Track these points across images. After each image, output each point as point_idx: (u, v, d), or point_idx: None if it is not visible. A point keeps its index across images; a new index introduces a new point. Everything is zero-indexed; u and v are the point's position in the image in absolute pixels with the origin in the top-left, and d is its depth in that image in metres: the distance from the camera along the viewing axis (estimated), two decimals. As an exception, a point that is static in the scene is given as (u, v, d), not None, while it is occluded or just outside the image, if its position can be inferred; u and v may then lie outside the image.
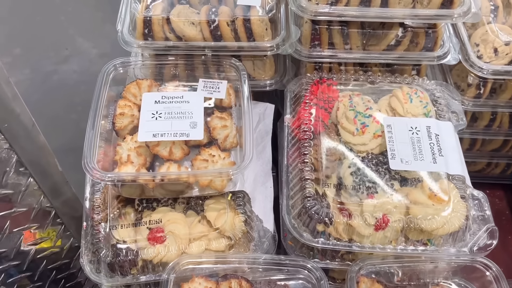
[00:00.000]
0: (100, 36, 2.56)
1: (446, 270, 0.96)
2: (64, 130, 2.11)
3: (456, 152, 0.95)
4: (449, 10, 0.97)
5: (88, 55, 2.55)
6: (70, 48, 2.55)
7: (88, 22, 2.66)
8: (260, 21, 1.02)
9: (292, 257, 0.95)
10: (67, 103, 2.26)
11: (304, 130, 0.99)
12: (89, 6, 2.72)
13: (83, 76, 2.44)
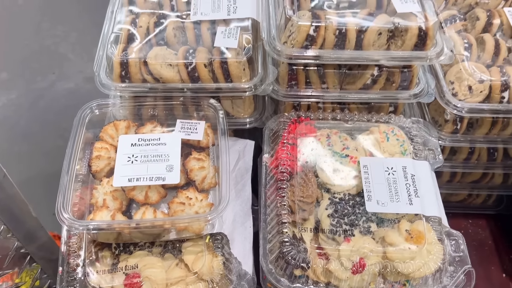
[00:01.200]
0: (87, 60, 2.57)
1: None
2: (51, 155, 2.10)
3: (432, 193, 0.95)
4: (422, 52, 0.98)
5: (75, 79, 2.55)
6: (57, 72, 2.55)
7: (75, 46, 2.67)
8: (238, 63, 1.03)
9: (270, 301, 0.94)
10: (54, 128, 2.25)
11: (281, 171, 0.99)
12: (77, 30, 2.74)
13: (70, 100, 2.43)
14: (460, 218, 1.50)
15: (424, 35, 0.97)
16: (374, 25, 0.96)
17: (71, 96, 2.45)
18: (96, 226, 0.87)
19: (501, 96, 1.07)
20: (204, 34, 1.08)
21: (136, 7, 1.14)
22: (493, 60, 1.12)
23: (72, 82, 2.55)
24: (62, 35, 2.74)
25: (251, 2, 1.12)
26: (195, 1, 1.13)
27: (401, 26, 0.96)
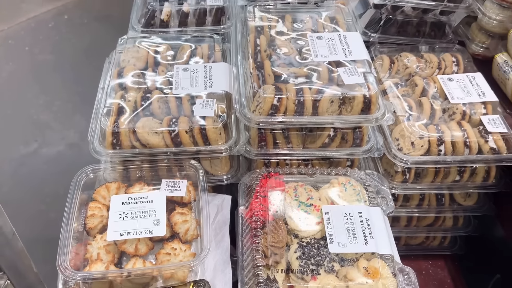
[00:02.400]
0: (69, 127, 2.70)
1: None
2: (33, 221, 2.17)
3: (385, 234, 1.11)
4: (368, 115, 1.18)
5: (57, 146, 2.65)
6: (40, 140, 2.65)
7: (58, 114, 2.80)
8: (214, 129, 1.20)
9: None
10: (37, 194, 2.32)
11: (255, 220, 1.13)
12: (59, 99, 2.88)
13: (52, 167, 2.51)
14: (420, 260, 1.65)
15: (368, 102, 1.17)
16: (327, 95, 1.16)
17: (53, 163, 2.54)
18: (93, 276, 0.98)
19: (438, 149, 1.27)
20: (185, 105, 1.26)
21: (124, 84, 1.32)
22: (430, 119, 1.34)
23: (54, 149, 2.65)
24: (45, 104, 2.87)
25: (224, 78, 1.31)
26: (176, 78, 1.32)
27: (349, 95, 1.17)
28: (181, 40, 1.48)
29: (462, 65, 1.49)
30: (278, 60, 1.28)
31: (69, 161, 2.55)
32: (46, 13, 3.67)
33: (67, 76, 3.05)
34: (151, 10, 1.53)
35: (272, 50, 1.32)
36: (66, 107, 2.83)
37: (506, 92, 1.48)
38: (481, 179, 1.36)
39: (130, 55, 1.42)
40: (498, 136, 1.28)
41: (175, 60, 1.40)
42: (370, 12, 1.60)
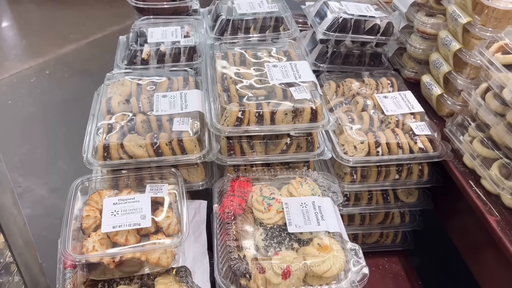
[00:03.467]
0: (52, 173, 2.83)
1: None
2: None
3: (334, 217, 1.34)
4: (315, 123, 1.44)
5: (40, 191, 2.76)
6: (24, 185, 2.76)
7: (41, 161, 2.94)
8: (190, 140, 1.44)
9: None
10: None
11: (227, 213, 1.35)
12: (41, 147, 3.04)
13: (36, 210, 2.62)
14: (377, 257, 1.87)
15: (315, 112, 1.44)
16: (281, 108, 1.43)
17: (36, 207, 2.67)
18: (90, 258, 1.17)
19: (376, 151, 1.53)
20: (164, 124, 1.50)
21: (112, 110, 1.56)
22: (369, 128, 1.61)
23: (38, 193, 2.77)
24: (28, 152, 3.01)
25: (197, 101, 1.57)
26: (156, 103, 1.56)
27: (299, 107, 1.43)
28: (159, 74, 1.74)
29: (396, 86, 1.80)
30: (241, 84, 1.55)
31: (52, 204, 2.68)
32: (28, 69, 3.93)
33: (49, 125, 3.23)
34: (133, 51, 1.80)
35: (237, 77, 1.59)
36: (49, 154, 2.98)
37: (432, 105, 1.78)
38: (416, 176, 1.62)
39: (116, 87, 1.66)
40: (424, 138, 1.56)
41: (155, 90, 1.65)
42: (319, 47, 1.92)
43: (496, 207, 1.38)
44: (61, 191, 2.73)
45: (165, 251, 1.27)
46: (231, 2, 1.92)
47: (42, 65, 3.97)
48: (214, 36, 1.81)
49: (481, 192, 1.43)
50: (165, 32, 1.91)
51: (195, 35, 1.89)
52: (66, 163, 2.91)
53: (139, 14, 2.24)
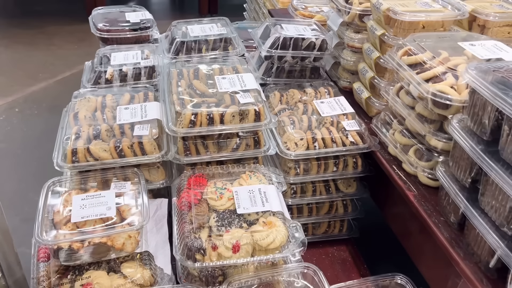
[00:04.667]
0: (23, 204, 2.88)
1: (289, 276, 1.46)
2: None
3: (277, 200, 1.54)
4: (259, 122, 1.67)
5: (12, 222, 2.81)
6: (-6, 218, 2.84)
7: (11, 194, 3.00)
8: (150, 143, 1.64)
9: (185, 285, 1.40)
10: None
11: (184, 203, 1.53)
12: (12, 181, 3.12)
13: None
14: (327, 246, 2.07)
15: (258, 114, 1.67)
16: (229, 111, 1.65)
17: None
18: (60, 242, 1.33)
19: (314, 145, 1.77)
20: (126, 131, 1.69)
21: (79, 122, 1.74)
22: (308, 128, 1.85)
23: (10, 225, 2.85)
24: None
25: (156, 111, 1.77)
26: (119, 114, 1.76)
27: (245, 110, 1.66)
28: (122, 92, 1.94)
29: (332, 93, 2.06)
30: (194, 94, 1.77)
31: (24, 233, 2.75)
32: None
33: (19, 160, 3.31)
34: (97, 72, 2.00)
35: (190, 89, 1.81)
36: (20, 186, 3.06)
37: (363, 107, 2.05)
38: (352, 168, 1.86)
39: (83, 103, 1.86)
40: (355, 133, 1.81)
41: (118, 104, 1.85)
42: (265, 63, 2.18)
43: (414, 185, 1.62)
44: (32, 221, 2.80)
45: (129, 237, 1.43)
46: (185, 28, 2.18)
47: (11, 103, 4.06)
48: (170, 56, 2.04)
49: (402, 174, 1.68)
50: (126, 56, 2.13)
51: (154, 57, 2.12)
52: (37, 194, 3.00)
53: (103, 44, 2.47)
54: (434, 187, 1.59)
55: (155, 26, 2.55)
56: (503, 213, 1.17)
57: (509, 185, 1.10)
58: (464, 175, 1.33)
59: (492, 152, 1.20)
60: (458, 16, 1.75)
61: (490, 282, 1.26)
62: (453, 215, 1.42)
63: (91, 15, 2.62)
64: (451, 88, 1.41)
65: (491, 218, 1.22)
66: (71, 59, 4.66)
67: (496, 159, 1.17)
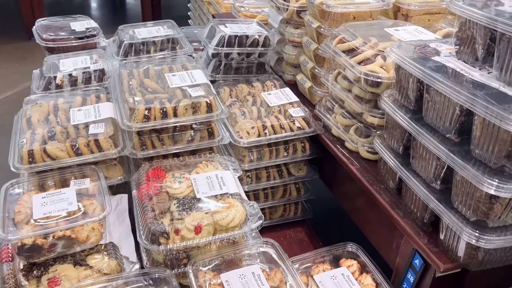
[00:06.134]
0: None
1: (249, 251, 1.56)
2: None
3: (234, 184, 1.64)
4: (211, 113, 1.77)
5: None
6: None
7: None
8: (106, 140, 1.69)
9: (151, 269, 1.46)
10: None
11: (145, 194, 1.60)
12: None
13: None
14: (284, 229, 2.19)
15: (210, 105, 1.76)
16: (182, 104, 1.74)
17: None
18: (27, 236, 1.35)
19: (264, 133, 1.89)
20: (81, 130, 1.73)
21: (32, 126, 1.76)
22: (258, 117, 1.97)
23: None
24: None
25: (109, 110, 1.82)
26: (73, 116, 1.79)
27: (197, 102, 1.75)
28: (74, 95, 1.98)
29: (278, 86, 2.20)
30: (146, 91, 1.84)
31: None
32: None
33: None
34: (47, 77, 2.02)
35: (141, 87, 1.88)
36: None
37: (307, 97, 2.20)
38: (301, 152, 1.99)
39: (35, 109, 1.87)
40: (300, 119, 1.95)
41: (71, 107, 1.88)
42: (213, 61, 2.29)
43: (356, 160, 1.78)
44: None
45: (92, 229, 1.48)
46: (132, 31, 2.24)
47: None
48: (120, 58, 2.10)
49: (346, 151, 1.83)
50: (75, 61, 2.16)
51: (103, 61, 2.17)
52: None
53: (49, 54, 2.47)
54: (374, 160, 1.75)
55: (101, 34, 2.58)
56: (430, 171, 1.34)
57: (433, 144, 1.27)
58: (397, 143, 1.50)
59: (418, 119, 1.37)
60: (384, 6, 1.95)
61: (426, 234, 1.42)
62: (391, 182, 1.59)
63: (35, 26, 2.61)
64: (381, 68, 1.58)
65: (422, 177, 1.38)
66: (12, 78, 4.55)
67: (422, 124, 1.34)
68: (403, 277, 1.54)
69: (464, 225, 1.21)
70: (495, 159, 1.12)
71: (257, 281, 1.43)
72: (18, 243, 1.39)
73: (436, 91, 1.25)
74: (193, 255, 1.53)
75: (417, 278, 1.47)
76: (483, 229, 1.19)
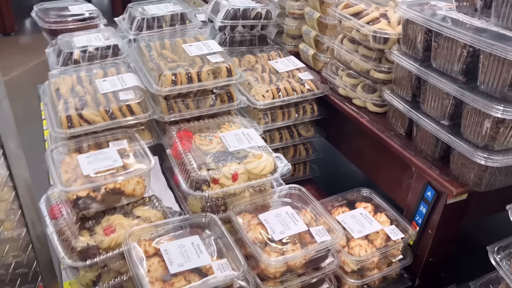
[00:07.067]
0: None
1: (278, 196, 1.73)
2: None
3: (259, 139, 1.79)
4: (231, 77, 1.91)
5: None
6: None
7: None
8: (137, 104, 1.80)
9: (195, 215, 1.60)
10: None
11: (180, 150, 1.73)
12: None
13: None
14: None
15: (230, 70, 1.91)
16: (204, 69, 1.87)
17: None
18: (82, 188, 1.46)
19: (278, 95, 2.05)
20: (111, 98, 1.84)
21: (62, 96, 1.85)
22: (270, 82, 2.13)
23: None
24: None
25: (133, 79, 1.92)
26: (99, 85, 1.90)
27: (217, 67, 1.89)
28: (94, 69, 2.07)
29: (282, 55, 2.37)
30: (166, 61, 1.96)
31: None
32: None
33: None
34: (65, 53, 2.10)
35: (162, 57, 2.00)
36: None
37: (310, 64, 2.38)
38: (310, 113, 2.17)
39: (59, 82, 1.96)
40: (309, 81, 2.13)
41: (94, 79, 1.98)
42: (218, 36, 2.42)
43: (365, 113, 1.97)
44: None
45: (137, 182, 1.60)
46: (142, 8, 2.34)
47: None
48: (134, 33, 2.21)
49: (355, 107, 2.02)
50: (89, 38, 2.24)
51: (115, 38, 2.26)
52: None
53: (52, 37, 2.54)
54: (380, 113, 1.95)
55: (101, 15, 2.67)
56: (440, 109, 1.54)
57: (443, 84, 1.47)
58: (406, 92, 1.70)
59: (426, 66, 1.57)
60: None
61: (437, 167, 1.64)
62: (401, 128, 1.79)
63: (34, 10, 2.67)
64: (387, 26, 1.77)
65: (432, 116, 1.59)
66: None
67: (431, 69, 1.54)
68: (416, 210, 1.75)
69: (474, 150, 1.42)
70: (499, 89, 1.33)
71: (292, 219, 1.60)
72: (73, 196, 1.50)
73: (444, 38, 1.46)
74: (229, 202, 1.68)
75: (429, 208, 1.68)
76: (490, 152, 1.41)
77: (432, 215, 1.68)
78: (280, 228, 1.55)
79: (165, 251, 1.42)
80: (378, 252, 1.68)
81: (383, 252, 1.69)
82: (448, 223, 1.68)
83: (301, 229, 1.55)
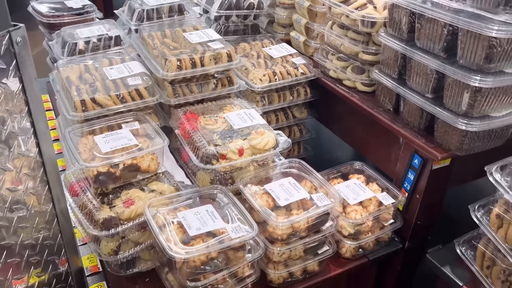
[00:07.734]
0: None
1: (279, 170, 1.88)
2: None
3: (259, 117, 1.94)
4: (231, 62, 2.06)
5: None
6: None
7: None
8: (145, 88, 1.93)
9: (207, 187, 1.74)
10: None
11: (188, 130, 1.87)
12: None
13: None
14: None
15: (230, 55, 2.05)
16: (207, 55, 2.01)
17: None
18: (102, 164, 1.59)
19: (275, 79, 2.20)
20: (120, 84, 1.96)
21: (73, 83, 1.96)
22: (266, 67, 2.28)
23: None
24: None
25: (139, 67, 2.06)
26: (107, 72, 2.01)
27: (218, 53, 2.03)
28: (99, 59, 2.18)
29: (275, 42, 2.52)
30: (169, 49, 2.09)
31: None
32: None
33: None
34: (71, 44, 2.21)
35: (165, 46, 2.13)
36: None
37: (301, 51, 2.54)
38: (303, 96, 2.33)
39: (67, 71, 2.07)
40: (302, 65, 2.29)
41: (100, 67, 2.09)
42: (214, 25, 2.56)
43: (355, 93, 2.15)
44: None
45: (152, 159, 1.74)
46: (141, 0, 2.46)
47: None
48: (135, 23, 2.33)
49: (345, 88, 2.19)
50: (91, 30, 2.35)
51: (117, 29, 2.38)
52: None
53: (49, 31, 2.64)
54: (370, 92, 2.13)
55: (96, 9, 2.77)
56: (424, 83, 1.72)
57: (427, 60, 1.65)
58: (393, 70, 1.88)
59: (411, 45, 1.74)
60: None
61: (423, 137, 1.82)
62: (389, 104, 1.97)
63: (30, 6, 2.75)
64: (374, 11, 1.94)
65: (417, 91, 1.77)
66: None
67: (415, 48, 1.72)
68: (404, 177, 1.93)
69: (456, 117, 1.60)
70: (476, 62, 1.51)
71: (294, 187, 1.76)
72: (94, 171, 1.62)
73: (426, 19, 1.63)
74: (236, 176, 1.83)
75: (417, 175, 1.86)
76: (470, 118, 1.59)
77: (420, 181, 1.86)
78: (285, 196, 1.70)
79: (183, 218, 1.56)
80: (371, 216, 1.85)
81: (376, 215, 1.86)
82: (434, 188, 1.87)
83: (303, 196, 1.71)
